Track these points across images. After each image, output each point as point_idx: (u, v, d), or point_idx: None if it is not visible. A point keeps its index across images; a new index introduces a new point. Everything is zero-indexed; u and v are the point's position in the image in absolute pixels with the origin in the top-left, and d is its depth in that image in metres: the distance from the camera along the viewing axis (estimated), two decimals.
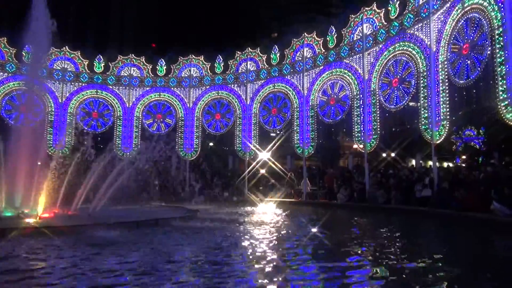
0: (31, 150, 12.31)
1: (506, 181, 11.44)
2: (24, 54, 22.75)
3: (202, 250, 7.16)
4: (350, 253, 7.06)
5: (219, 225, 10.90)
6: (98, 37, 55.45)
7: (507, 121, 11.62)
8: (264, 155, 23.58)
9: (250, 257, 6.74)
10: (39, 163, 12.66)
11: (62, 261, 6.21)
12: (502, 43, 11.72)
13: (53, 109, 24.01)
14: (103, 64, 25.29)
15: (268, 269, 5.77)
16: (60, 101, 24.28)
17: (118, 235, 8.53)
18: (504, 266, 6.30)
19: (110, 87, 25.24)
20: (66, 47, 24.77)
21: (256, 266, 6.00)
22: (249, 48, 24.80)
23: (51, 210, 11.72)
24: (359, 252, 7.25)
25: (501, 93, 11.77)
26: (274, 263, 6.16)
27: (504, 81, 11.63)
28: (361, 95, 19.19)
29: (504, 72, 11.63)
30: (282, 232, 9.93)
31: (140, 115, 25.49)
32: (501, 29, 11.80)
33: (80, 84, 24.80)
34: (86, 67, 25.00)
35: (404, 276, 5.54)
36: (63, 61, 24.62)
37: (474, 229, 10.59)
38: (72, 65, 24.78)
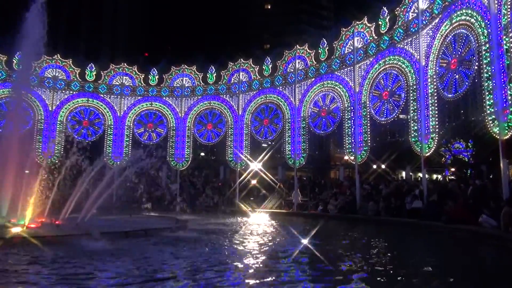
0: (19, 158, 12.14)
1: (492, 195, 11.59)
2: (14, 61, 22.61)
3: (190, 262, 7.09)
4: (340, 266, 7.05)
5: (209, 236, 10.82)
6: (90, 45, 55.36)
7: (494, 134, 11.82)
8: (256, 166, 23.57)
9: (239, 272, 6.69)
10: (27, 172, 12.47)
11: (47, 271, 6.10)
12: (488, 59, 11.98)
13: (43, 117, 23.77)
14: (95, 72, 25.18)
15: (255, 281, 5.75)
16: (50, 109, 24.05)
17: (105, 245, 8.40)
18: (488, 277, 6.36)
19: (102, 95, 25.11)
20: (58, 55, 24.65)
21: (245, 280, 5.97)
22: (242, 59, 24.96)
23: (39, 220, 11.52)
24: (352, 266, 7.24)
25: (488, 107, 11.98)
26: (260, 277, 6.14)
27: (491, 96, 11.86)
28: (352, 107, 19.38)
29: (491, 87, 11.86)
30: (270, 244, 9.89)
31: (131, 124, 25.35)
32: (487, 45, 12.07)
33: (71, 92, 24.63)
34: (77, 76, 24.85)
35: None
36: (54, 69, 24.46)
37: (462, 240, 10.67)
38: (64, 73, 24.63)
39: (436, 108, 14.93)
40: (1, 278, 5.65)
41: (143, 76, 25.78)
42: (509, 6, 11.29)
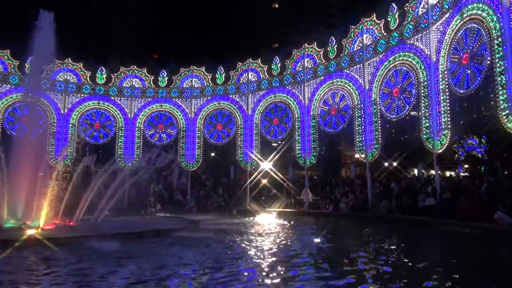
0: (33, 161, 12.34)
1: (508, 191, 11.39)
2: (27, 66, 22.96)
3: (203, 263, 7.12)
4: (354, 265, 7.01)
5: (221, 236, 10.85)
6: (100, 48, 55.96)
7: (509, 130, 11.61)
8: (266, 165, 23.56)
9: (253, 272, 6.70)
10: (41, 174, 12.66)
11: (62, 273, 6.18)
12: (501, 53, 11.78)
13: (55, 120, 24.13)
14: (105, 75, 25.46)
15: (270, 281, 5.75)
16: (62, 112, 24.41)
17: (119, 246, 8.47)
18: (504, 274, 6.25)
19: (112, 98, 25.38)
20: (69, 58, 24.98)
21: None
22: (250, 59, 24.94)
23: (53, 221, 11.70)
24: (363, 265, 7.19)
25: (501, 102, 11.79)
26: (274, 277, 6.13)
27: (504, 91, 11.66)
28: (362, 105, 19.23)
29: (504, 82, 11.66)
30: (283, 243, 9.88)
31: (142, 126, 25.58)
32: (500, 39, 11.87)
33: (82, 95, 24.95)
34: (88, 79, 25.17)
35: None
36: (65, 73, 24.81)
37: (476, 238, 10.52)
38: (75, 77, 24.96)
39: (448, 104, 14.72)
40: (15, 279, 5.75)
41: (152, 78, 25.97)
42: None
